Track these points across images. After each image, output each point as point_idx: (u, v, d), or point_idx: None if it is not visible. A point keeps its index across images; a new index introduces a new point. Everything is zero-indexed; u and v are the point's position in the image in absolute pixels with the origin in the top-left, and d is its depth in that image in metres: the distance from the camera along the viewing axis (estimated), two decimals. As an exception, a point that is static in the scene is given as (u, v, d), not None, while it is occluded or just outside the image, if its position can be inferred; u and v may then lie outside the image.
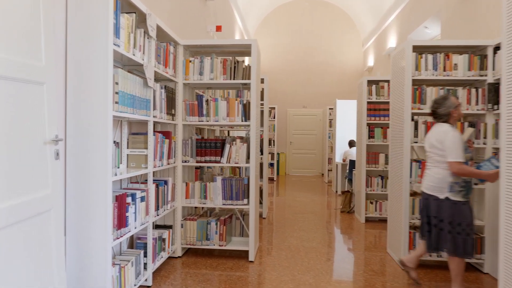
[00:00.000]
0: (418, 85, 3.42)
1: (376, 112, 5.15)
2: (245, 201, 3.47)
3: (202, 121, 3.52)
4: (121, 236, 2.35)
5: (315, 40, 11.22)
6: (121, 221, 2.35)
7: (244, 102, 3.49)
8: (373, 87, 5.16)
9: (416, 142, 3.35)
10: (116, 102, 2.29)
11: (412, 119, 3.35)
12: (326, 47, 11.22)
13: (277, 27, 11.27)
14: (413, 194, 3.52)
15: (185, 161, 3.52)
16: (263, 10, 10.91)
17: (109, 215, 2.17)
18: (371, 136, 5.11)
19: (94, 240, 2.17)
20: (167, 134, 3.25)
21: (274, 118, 10.13)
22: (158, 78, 3.26)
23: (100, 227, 2.16)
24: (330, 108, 9.50)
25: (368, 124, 5.14)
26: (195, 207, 4.07)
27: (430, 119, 3.40)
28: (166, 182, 3.21)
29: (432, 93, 3.36)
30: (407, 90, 3.32)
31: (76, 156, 2.20)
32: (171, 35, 3.25)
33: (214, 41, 3.59)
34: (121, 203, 2.35)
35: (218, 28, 5.83)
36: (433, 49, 3.50)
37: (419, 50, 3.46)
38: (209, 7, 6.13)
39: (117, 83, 2.30)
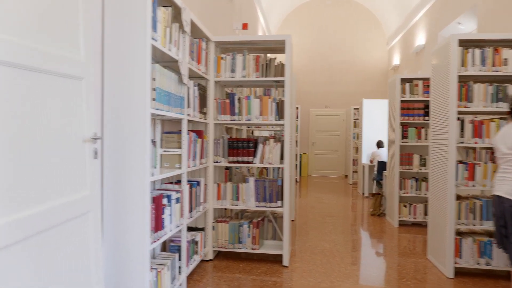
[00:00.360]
0: (464, 81, 3.21)
1: (410, 112, 4.93)
2: (279, 203, 3.33)
3: (234, 120, 3.40)
4: (158, 239, 2.25)
5: (337, 39, 11.00)
6: (157, 224, 2.25)
7: (277, 100, 3.36)
8: (407, 85, 4.94)
9: (462, 143, 3.15)
10: (154, 99, 2.20)
11: (458, 118, 3.15)
12: (349, 46, 10.98)
13: (299, 26, 11.10)
14: (458, 197, 3.30)
15: (217, 161, 3.41)
16: (284, 8, 10.77)
17: (147, 217, 2.07)
18: (404, 136, 4.90)
19: (131, 243, 2.07)
20: (199, 133, 3.14)
21: (297, 118, 9.97)
22: (190, 75, 3.16)
23: (138, 230, 2.06)
24: (355, 108, 9.27)
25: (401, 124, 4.93)
26: (225, 209, 3.96)
27: (471, 117, 3.20)
28: (198, 183, 3.11)
29: (479, 90, 3.14)
30: (452, 87, 3.12)
31: (113, 155, 2.10)
32: (203, 31, 3.14)
33: (247, 37, 3.46)
34: (157, 205, 2.25)
35: (244, 26, 5.71)
36: (478, 44, 3.28)
37: (464, 44, 3.25)
38: (235, 5, 6.03)
39: (154, 79, 2.20)
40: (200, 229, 3.27)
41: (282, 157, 3.34)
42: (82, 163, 1.78)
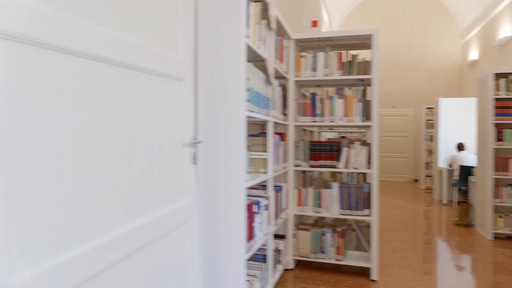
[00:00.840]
0: None
1: (505, 111, 4.39)
2: (366, 211, 3.06)
3: (316, 121, 3.20)
4: (250, 249, 2.11)
5: (405, 34, 10.35)
6: (250, 232, 2.11)
7: (363, 100, 3.10)
8: (501, 81, 4.41)
9: None
10: (247, 100, 2.06)
11: None
12: (418, 41, 10.28)
13: (362, 22, 10.62)
14: None
15: (297, 165, 3.23)
16: (347, 5, 10.35)
17: (243, 226, 1.93)
18: (499, 138, 4.37)
19: (227, 253, 1.95)
20: (282, 136, 2.98)
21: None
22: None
23: (234, 239, 1.93)
24: (427, 108, 8.62)
25: (496, 125, 4.40)
26: (301, 216, 3.76)
27: None
28: (281, 188, 2.95)
29: None
30: None
31: (207, 160, 2.00)
32: (285, 28, 2.98)
33: (328, 33, 3.24)
34: (250, 212, 2.11)
35: (314, 24, 5.49)
36: None
37: None
38: (304, 3, 5.83)
39: (248, 79, 2.07)
40: (281, 237, 3.11)
41: (369, 162, 3.08)
42: (181, 169, 1.68)
